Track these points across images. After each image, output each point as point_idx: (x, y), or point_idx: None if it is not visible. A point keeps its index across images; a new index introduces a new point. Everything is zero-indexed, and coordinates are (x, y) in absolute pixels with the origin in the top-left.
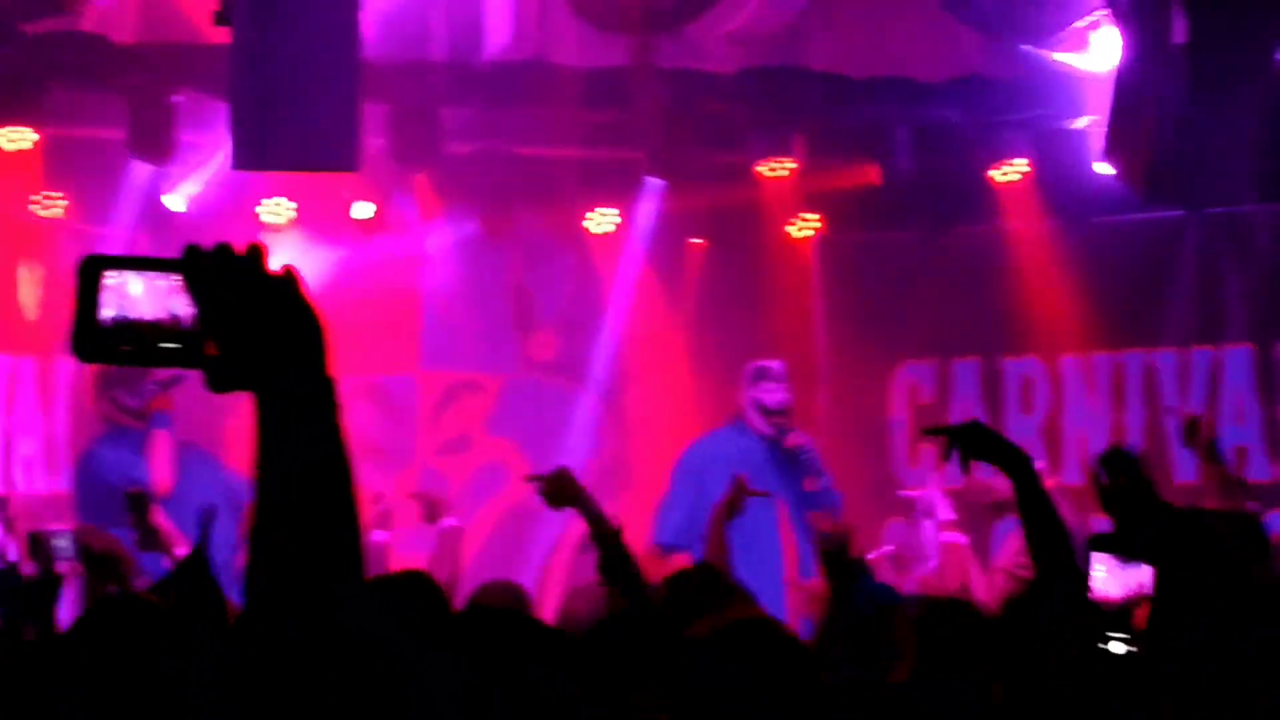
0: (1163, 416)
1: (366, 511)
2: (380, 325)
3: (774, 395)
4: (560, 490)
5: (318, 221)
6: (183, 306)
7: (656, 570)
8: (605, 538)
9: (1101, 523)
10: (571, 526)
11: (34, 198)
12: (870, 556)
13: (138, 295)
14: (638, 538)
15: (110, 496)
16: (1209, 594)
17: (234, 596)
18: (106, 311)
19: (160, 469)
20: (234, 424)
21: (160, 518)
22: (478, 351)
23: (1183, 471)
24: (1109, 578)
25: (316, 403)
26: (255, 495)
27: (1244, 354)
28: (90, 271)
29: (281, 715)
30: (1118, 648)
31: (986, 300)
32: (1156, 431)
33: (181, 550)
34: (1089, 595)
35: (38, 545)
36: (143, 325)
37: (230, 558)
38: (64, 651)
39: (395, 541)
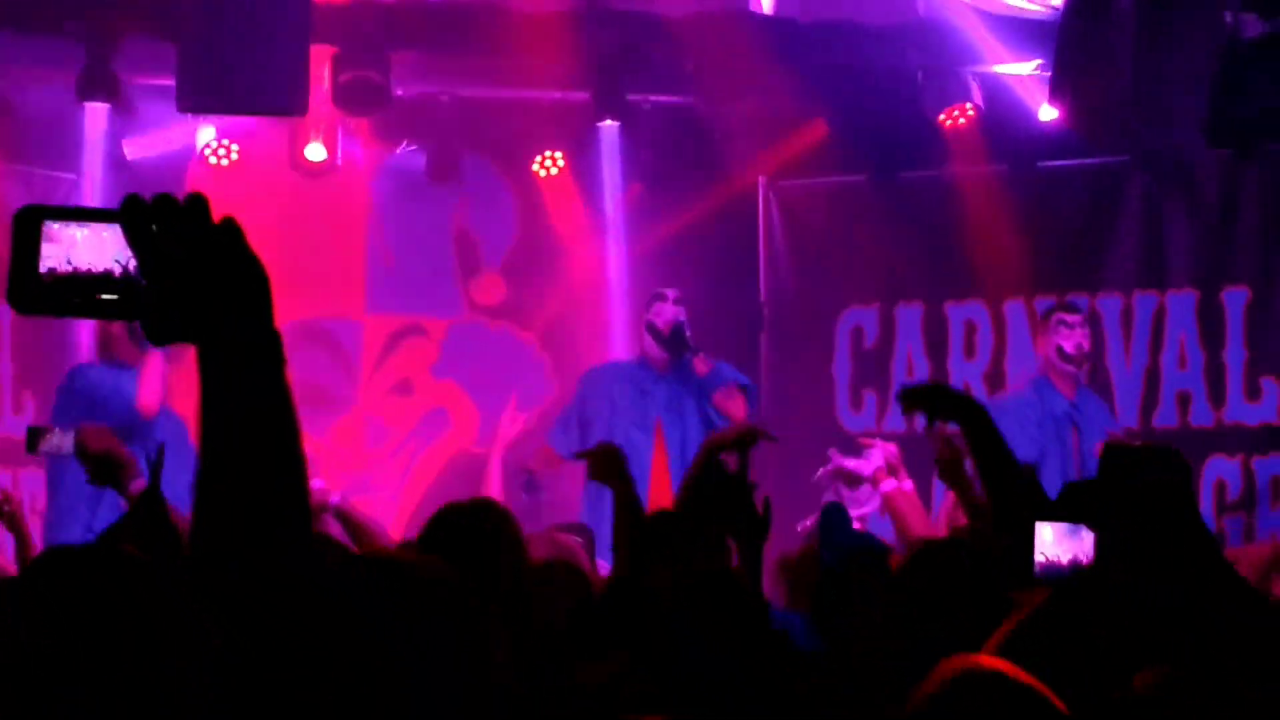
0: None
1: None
2: (325, 269)
3: (663, 315)
4: (607, 466)
5: (262, 164)
6: (124, 257)
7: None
8: (635, 516)
9: None
10: (514, 475)
11: None
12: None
13: (78, 246)
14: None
15: (92, 411)
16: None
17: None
18: (46, 263)
19: (150, 388)
20: None
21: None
22: (423, 296)
23: (1124, 415)
24: (1051, 545)
25: (260, 354)
26: (200, 446)
27: (1188, 299)
28: (28, 222)
29: (231, 660)
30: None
31: (931, 245)
32: (1099, 378)
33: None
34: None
35: (34, 437)
36: (82, 276)
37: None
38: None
39: None
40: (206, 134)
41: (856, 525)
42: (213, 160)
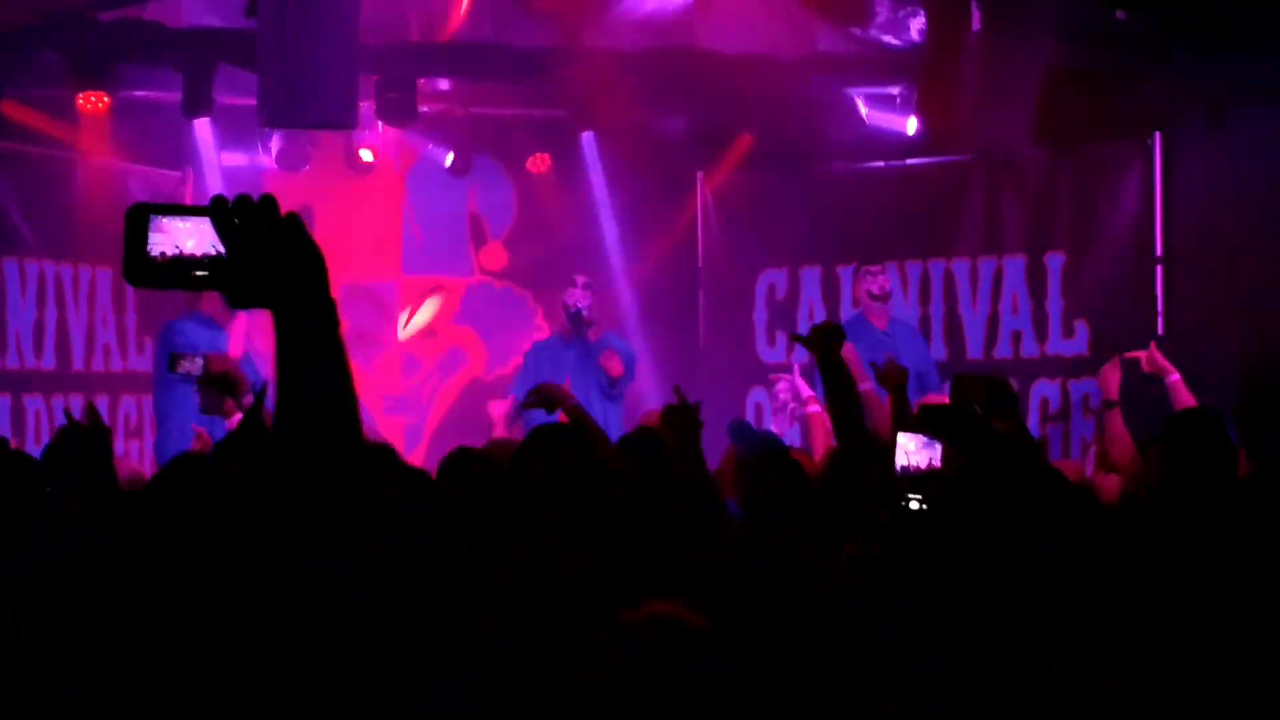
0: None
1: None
2: (370, 243)
3: (572, 298)
4: (546, 396)
5: (324, 165)
6: (213, 243)
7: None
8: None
9: None
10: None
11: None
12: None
13: (178, 234)
14: None
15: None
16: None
17: None
18: (153, 248)
19: (236, 337)
20: None
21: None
22: (445, 262)
23: (972, 350)
24: (912, 452)
25: (322, 318)
26: (276, 390)
27: (1019, 262)
28: (137, 215)
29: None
30: (915, 505)
31: (826, 222)
32: (954, 322)
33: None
34: (894, 466)
35: (175, 361)
36: (182, 258)
37: None
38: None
39: None
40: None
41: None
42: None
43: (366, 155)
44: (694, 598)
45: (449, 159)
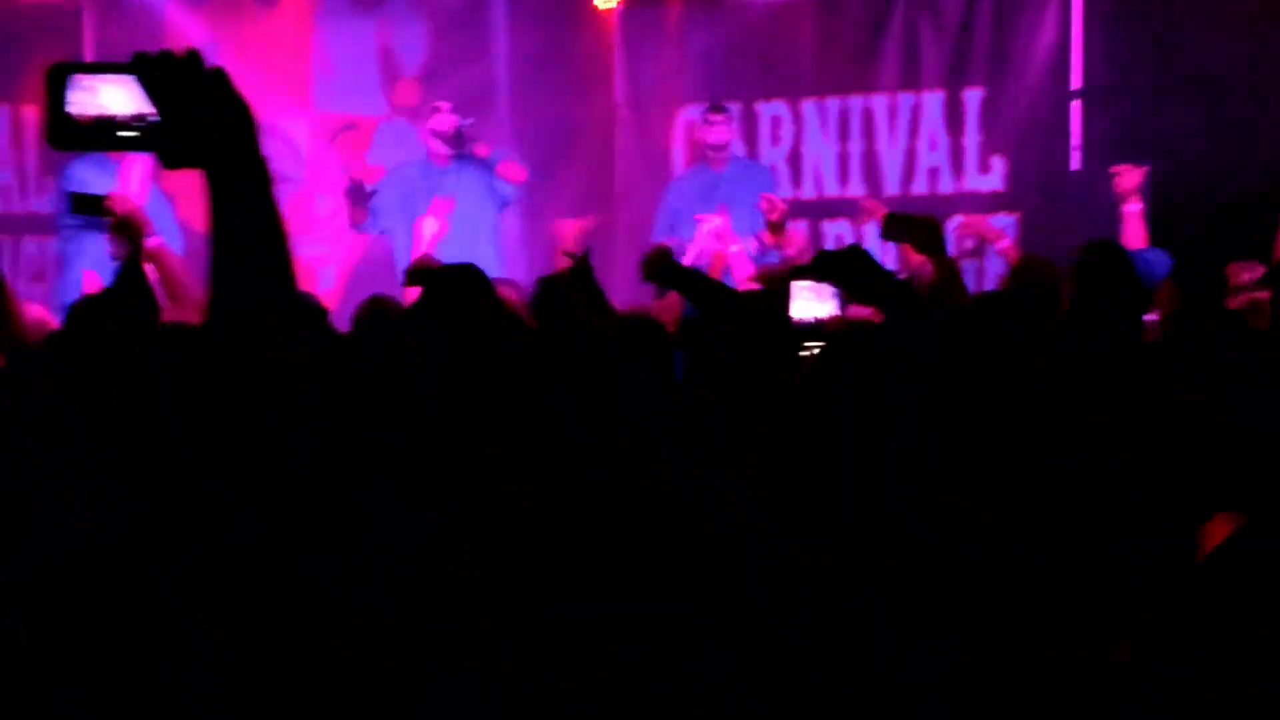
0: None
1: None
2: (279, 78)
3: (445, 123)
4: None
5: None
6: (137, 101)
7: None
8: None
9: None
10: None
11: None
12: None
13: (100, 94)
14: None
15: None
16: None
17: None
18: (75, 109)
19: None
20: None
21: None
22: (356, 99)
23: (889, 186)
24: (806, 302)
25: (253, 174)
26: (211, 243)
27: (938, 98)
28: (56, 75)
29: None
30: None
31: (743, 57)
32: (871, 159)
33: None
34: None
35: (77, 203)
36: (103, 118)
37: None
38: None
39: None
40: None
41: None
42: None
43: None
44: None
45: None
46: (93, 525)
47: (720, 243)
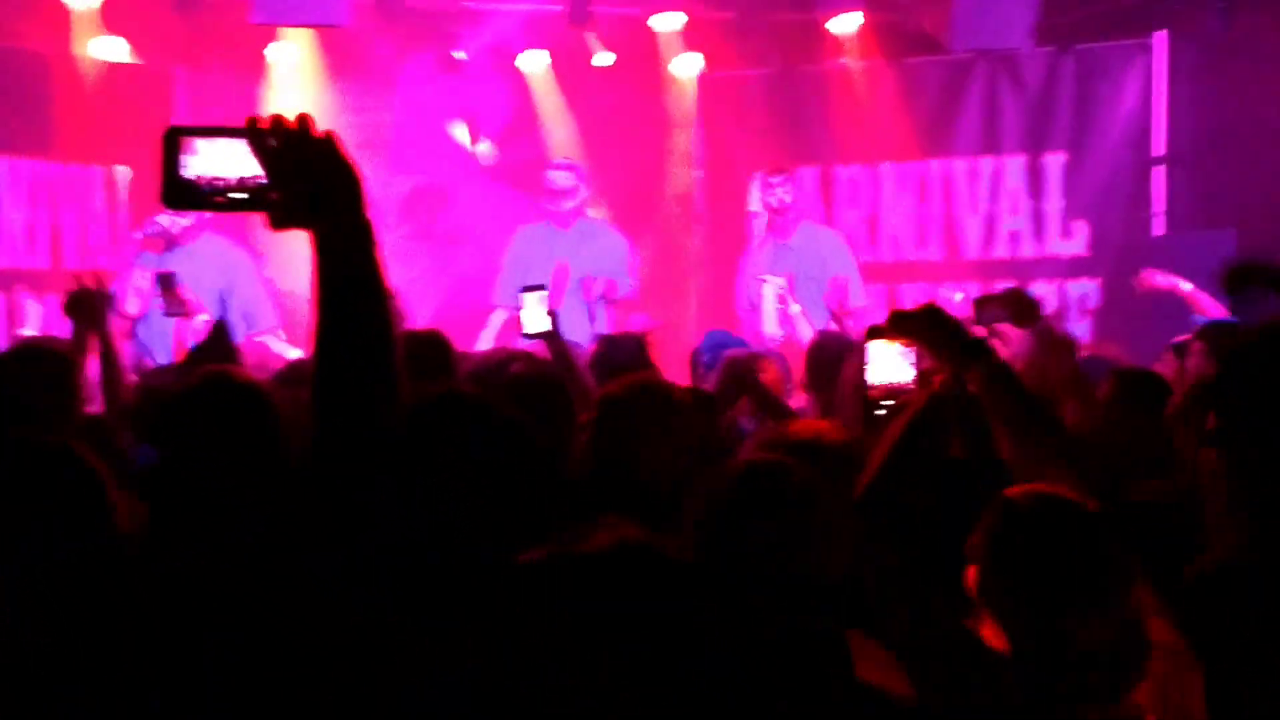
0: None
1: None
2: (364, 141)
3: (560, 181)
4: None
5: (317, 60)
6: (248, 164)
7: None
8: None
9: None
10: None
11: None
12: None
13: (214, 156)
14: None
15: None
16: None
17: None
18: (188, 170)
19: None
20: None
21: (183, 291)
22: (439, 161)
23: (970, 250)
24: (881, 365)
25: (359, 236)
26: (318, 304)
27: (1018, 162)
28: (172, 138)
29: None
30: (883, 412)
31: (824, 121)
32: (951, 222)
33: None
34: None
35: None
36: (216, 179)
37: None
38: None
39: None
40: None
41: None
42: (272, 59)
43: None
44: None
45: (439, 54)
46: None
47: (782, 304)
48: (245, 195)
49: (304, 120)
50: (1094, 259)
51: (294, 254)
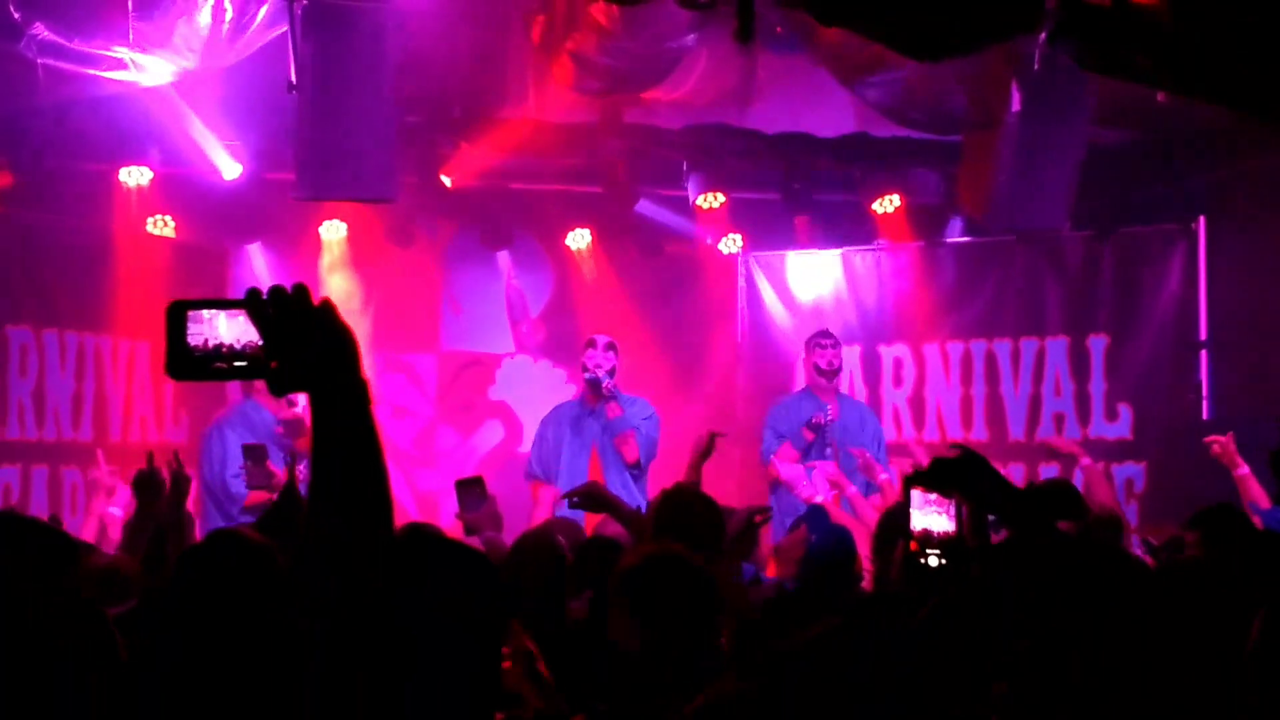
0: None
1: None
2: (410, 317)
3: (591, 360)
4: (592, 499)
5: (363, 239)
6: (249, 333)
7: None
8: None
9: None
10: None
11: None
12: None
13: (216, 327)
14: None
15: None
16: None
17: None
18: (192, 340)
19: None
20: None
21: (272, 465)
22: (482, 337)
23: (1014, 431)
24: (924, 509)
25: (355, 398)
26: (313, 462)
27: (1061, 344)
28: (176, 311)
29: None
30: (933, 562)
31: (867, 300)
32: (996, 403)
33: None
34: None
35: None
36: (220, 349)
37: None
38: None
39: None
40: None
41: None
42: (325, 236)
43: (404, 230)
44: None
45: (484, 233)
46: None
47: (834, 489)
48: (245, 363)
49: (301, 289)
50: (1138, 442)
51: None
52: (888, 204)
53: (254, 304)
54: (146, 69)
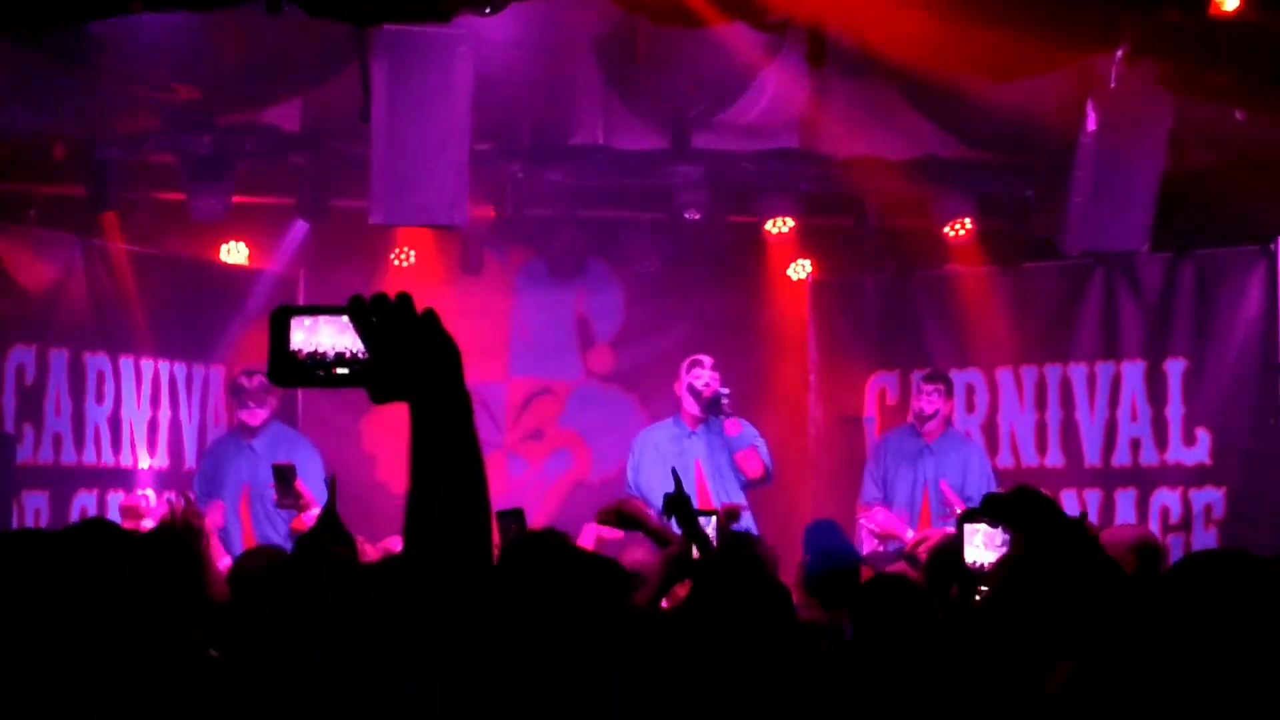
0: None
1: None
2: (479, 344)
3: (702, 379)
4: (623, 516)
5: (433, 266)
6: (351, 340)
7: None
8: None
9: None
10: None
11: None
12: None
13: (318, 334)
14: None
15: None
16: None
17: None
18: (295, 346)
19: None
20: None
21: (301, 486)
22: (552, 364)
23: (1090, 457)
24: (979, 545)
25: (458, 407)
26: (412, 475)
27: (1138, 368)
28: (280, 317)
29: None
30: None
31: (941, 325)
32: (1071, 429)
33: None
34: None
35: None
36: (321, 355)
37: None
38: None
39: None
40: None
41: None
42: (396, 262)
43: (475, 257)
44: None
45: (553, 261)
46: None
47: (884, 539)
48: (347, 370)
49: (404, 297)
50: (1217, 467)
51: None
52: (959, 228)
53: (357, 311)
54: None
